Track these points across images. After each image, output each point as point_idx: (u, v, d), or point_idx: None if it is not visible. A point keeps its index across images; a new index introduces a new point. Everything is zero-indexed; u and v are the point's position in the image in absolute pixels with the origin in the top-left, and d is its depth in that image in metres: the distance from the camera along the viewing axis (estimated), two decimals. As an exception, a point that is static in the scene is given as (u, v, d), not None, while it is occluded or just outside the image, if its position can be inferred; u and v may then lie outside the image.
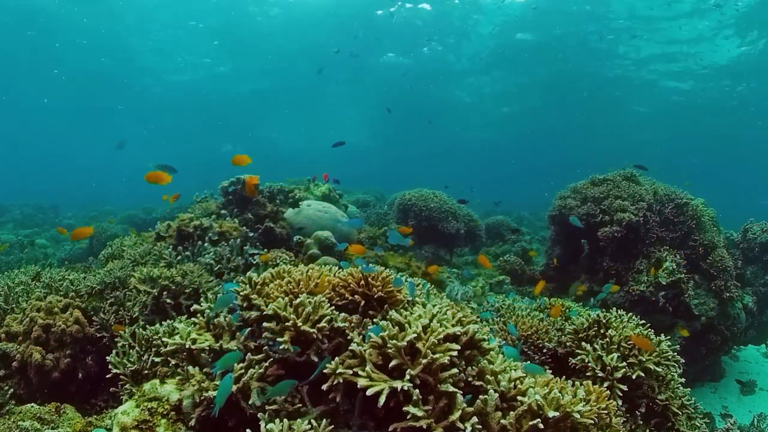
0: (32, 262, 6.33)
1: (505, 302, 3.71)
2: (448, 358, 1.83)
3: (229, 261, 3.99)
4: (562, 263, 6.43)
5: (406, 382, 1.74)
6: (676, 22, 16.13)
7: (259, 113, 31.45)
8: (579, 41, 19.02)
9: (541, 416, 1.82)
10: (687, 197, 5.94)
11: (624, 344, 2.81)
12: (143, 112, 30.19)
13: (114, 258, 4.18)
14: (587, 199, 6.05)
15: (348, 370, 1.84)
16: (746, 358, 6.96)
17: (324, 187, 6.97)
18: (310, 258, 4.56)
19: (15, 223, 13.58)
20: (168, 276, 3.32)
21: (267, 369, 2.02)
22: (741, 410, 5.58)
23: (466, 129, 32.47)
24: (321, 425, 1.79)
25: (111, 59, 21.95)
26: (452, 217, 7.53)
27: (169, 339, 2.29)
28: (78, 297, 3.41)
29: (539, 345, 3.11)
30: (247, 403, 1.97)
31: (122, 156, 30.25)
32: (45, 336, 3.04)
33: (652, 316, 5.11)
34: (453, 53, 21.73)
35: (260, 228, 4.83)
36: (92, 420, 2.53)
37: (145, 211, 12.93)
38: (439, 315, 2.05)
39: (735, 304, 5.82)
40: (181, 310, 3.26)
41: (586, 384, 2.28)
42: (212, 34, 20.15)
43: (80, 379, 3.06)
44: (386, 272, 2.37)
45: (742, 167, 34.86)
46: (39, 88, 25.20)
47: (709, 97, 21.77)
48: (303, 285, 2.33)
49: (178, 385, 2.30)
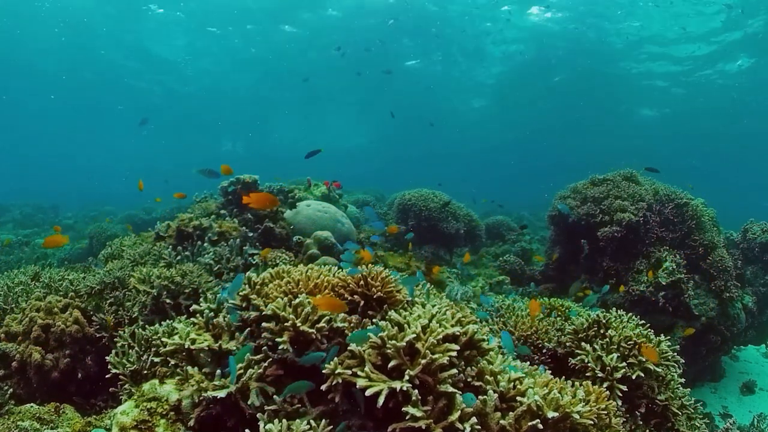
0: (32, 262, 6.33)
1: (505, 302, 3.71)
2: (447, 358, 1.82)
3: (228, 261, 3.99)
4: (562, 263, 6.42)
5: (405, 383, 1.73)
6: (677, 21, 16.13)
7: (258, 113, 31.46)
8: (581, 44, 19.03)
9: (541, 417, 1.82)
10: (687, 197, 5.94)
11: (624, 344, 2.81)
12: (143, 112, 30.19)
13: (113, 258, 4.18)
14: (587, 199, 6.05)
15: (347, 371, 1.84)
16: (746, 358, 6.96)
17: (324, 187, 6.97)
18: (309, 258, 4.55)
19: (15, 223, 13.58)
20: (167, 276, 3.32)
21: (266, 369, 2.02)
22: (741, 410, 5.58)
23: (467, 129, 32.48)
24: (320, 426, 1.79)
25: (111, 59, 21.95)
26: (452, 217, 7.53)
27: (169, 339, 2.28)
28: (77, 297, 3.41)
29: (539, 345, 3.11)
30: (246, 403, 1.96)
31: (122, 156, 30.29)
32: (44, 336, 3.04)
33: (652, 316, 5.11)
34: (457, 64, 21.88)
35: (260, 228, 4.83)
36: (92, 420, 2.53)
37: (145, 211, 12.93)
38: (439, 315, 2.04)
39: (735, 304, 5.82)
40: (181, 310, 3.26)
41: (585, 384, 2.28)
42: (212, 34, 20.14)
43: (80, 379, 3.06)
44: (385, 272, 2.37)
45: (743, 168, 34.85)
46: (39, 89, 25.20)
47: (708, 96, 21.77)
48: (302, 285, 2.33)
49: (178, 385, 2.30)
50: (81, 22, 18.29)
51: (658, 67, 20.03)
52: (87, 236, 9.37)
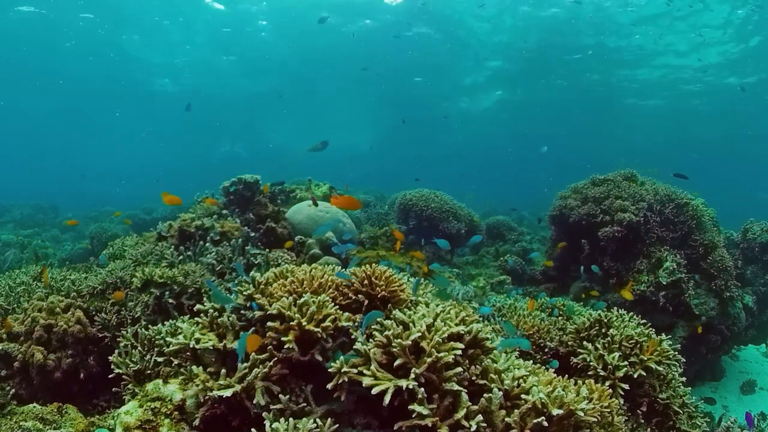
0: (32, 262, 6.33)
1: (506, 302, 3.72)
2: (452, 356, 1.83)
3: (230, 261, 3.99)
4: (562, 263, 6.43)
5: (411, 381, 1.74)
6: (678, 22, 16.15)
7: (258, 114, 31.44)
8: (581, 47, 19.05)
9: (545, 414, 1.83)
10: (687, 197, 5.96)
11: (625, 343, 2.82)
12: (142, 113, 30.18)
13: (115, 258, 4.18)
14: (588, 199, 6.06)
15: (353, 369, 1.85)
16: (746, 357, 6.97)
17: (325, 187, 6.98)
18: (311, 258, 4.56)
19: (15, 223, 13.55)
20: (170, 276, 3.32)
21: (271, 368, 2.02)
22: (741, 410, 5.59)
23: (467, 129, 32.51)
24: (326, 424, 1.80)
25: (110, 59, 21.93)
26: (453, 217, 7.53)
27: (173, 339, 2.29)
28: (80, 297, 3.41)
29: (541, 344, 3.12)
30: (252, 402, 1.97)
31: (121, 157, 30.25)
32: (47, 336, 3.04)
33: (653, 315, 5.12)
34: (456, 65, 21.90)
35: (262, 228, 4.84)
36: (95, 420, 2.52)
37: (145, 212, 12.90)
38: (443, 314, 2.05)
39: (735, 304, 5.83)
40: (184, 309, 3.26)
41: (588, 383, 2.28)
42: (212, 35, 20.14)
43: (82, 379, 3.06)
44: (389, 271, 2.37)
45: (742, 164, 34.86)
46: (39, 90, 25.18)
47: (709, 95, 21.79)
48: (306, 285, 2.33)
49: (182, 385, 2.31)
50: (78, 24, 18.29)
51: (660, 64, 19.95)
52: (87, 236, 9.36)
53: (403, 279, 2.43)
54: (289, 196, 5.54)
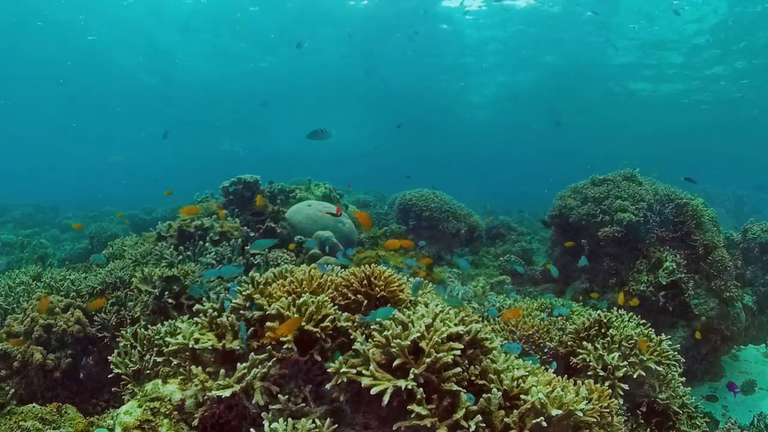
0: (32, 262, 6.33)
1: (506, 302, 3.72)
2: (451, 357, 1.83)
3: (230, 261, 3.99)
4: (562, 263, 6.43)
5: (410, 381, 1.74)
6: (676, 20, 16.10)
7: (257, 113, 31.42)
8: (580, 44, 19.01)
9: (545, 414, 1.83)
10: (687, 197, 5.95)
11: (625, 343, 2.82)
12: (141, 113, 30.19)
13: (115, 258, 4.18)
14: (587, 199, 6.06)
15: (352, 369, 1.85)
16: (746, 357, 6.97)
17: (324, 187, 6.98)
18: (311, 258, 4.55)
19: (15, 223, 13.55)
20: (169, 276, 3.32)
21: (270, 368, 2.02)
22: (741, 410, 5.59)
23: (467, 128, 32.50)
24: (324, 424, 1.80)
25: (110, 60, 21.94)
26: (453, 217, 7.54)
27: (172, 339, 2.28)
28: (79, 297, 3.41)
29: (540, 344, 3.11)
30: (251, 402, 1.97)
31: (122, 157, 30.23)
32: (46, 336, 3.04)
33: (653, 315, 5.12)
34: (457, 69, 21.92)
35: (261, 228, 4.83)
36: (94, 420, 2.52)
37: (145, 211, 12.90)
38: (442, 314, 2.05)
39: (735, 304, 5.83)
40: (183, 309, 3.26)
41: (587, 383, 2.28)
42: (212, 35, 20.13)
43: (82, 379, 3.06)
44: (389, 271, 2.37)
45: (741, 161, 34.78)
46: (39, 89, 25.19)
47: (708, 94, 21.76)
48: (306, 285, 2.33)
49: (181, 385, 2.31)
50: (78, 22, 18.29)
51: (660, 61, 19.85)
52: (87, 236, 9.36)
53: (402, 279, 2.43)
54: (288, 196, 5.54)
